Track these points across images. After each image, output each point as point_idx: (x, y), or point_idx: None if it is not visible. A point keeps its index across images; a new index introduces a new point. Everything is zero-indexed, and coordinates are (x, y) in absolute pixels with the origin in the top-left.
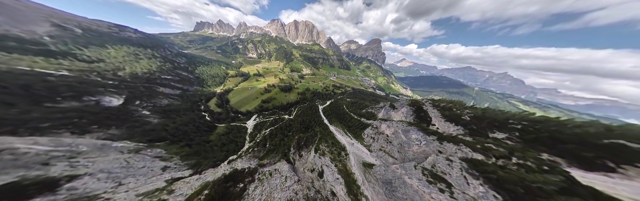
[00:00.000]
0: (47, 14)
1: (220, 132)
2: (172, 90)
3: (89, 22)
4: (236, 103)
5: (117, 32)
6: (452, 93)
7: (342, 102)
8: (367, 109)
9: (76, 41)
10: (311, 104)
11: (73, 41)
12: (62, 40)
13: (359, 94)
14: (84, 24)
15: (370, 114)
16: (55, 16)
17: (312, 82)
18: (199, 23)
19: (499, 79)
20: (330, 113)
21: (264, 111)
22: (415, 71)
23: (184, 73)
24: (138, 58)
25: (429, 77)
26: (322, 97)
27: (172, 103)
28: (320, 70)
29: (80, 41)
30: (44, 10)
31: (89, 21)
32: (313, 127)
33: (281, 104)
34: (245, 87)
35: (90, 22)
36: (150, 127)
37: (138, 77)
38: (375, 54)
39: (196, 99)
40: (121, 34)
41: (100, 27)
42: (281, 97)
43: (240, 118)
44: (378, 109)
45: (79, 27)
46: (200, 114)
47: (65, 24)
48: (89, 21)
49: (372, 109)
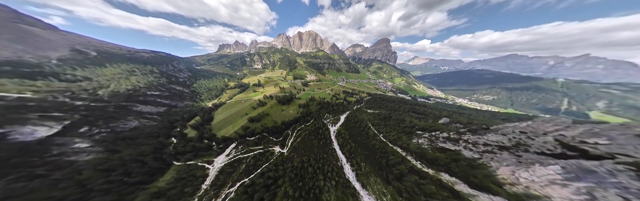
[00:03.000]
0: (76, 42)
1: (167, 180)
2: (155, 107)
3: (109, 46)
4: (218, 122)
5: (131, 53)
6: (516, 90)
7: (363, 117)
8: (424, 134)
9: (82, 62)
10: (318, 124)
11: (79, 62)
12: (69, 62)
13: (382, 102)
14: (103, 48)
15: (441, 150)
16: (83, 43)
17: (317, 89)
18: (221, 45)
19: (577, 65)
20: (348, 140)
21: (248, 136)
22: (434, 68)
23: (178, 88)
24: (132, 74)
25: (458, 73)
26: (333, 109)
27: (143, 124)
28: (327, 75)
29: (87, 62)
30: (76, 39)
31: (110, 46)
32: (322, 185)
33: (274, 125)
34: (239, 100)
35: (111, 46)
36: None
37: (118, 96)
38: (385, 54)
39: (178, 117)
40: (135, 54)
41: (117, 49)
42: (277, 113)
43: (212, 149)
44: (444, 130)
45: (95, 51)
46: (166, 141)
47: (86, 49)
48: (111, 46)
49: (435, 134)
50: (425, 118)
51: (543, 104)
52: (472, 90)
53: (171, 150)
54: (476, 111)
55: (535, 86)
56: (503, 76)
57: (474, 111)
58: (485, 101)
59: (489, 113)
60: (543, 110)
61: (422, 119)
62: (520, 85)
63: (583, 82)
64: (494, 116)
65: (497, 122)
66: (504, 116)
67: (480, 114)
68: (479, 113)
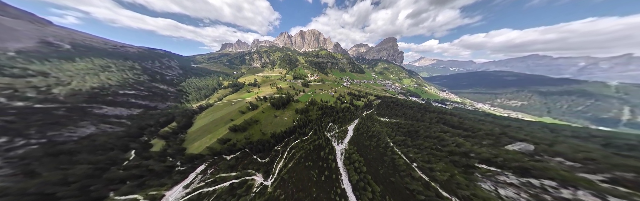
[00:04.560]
0: (53, 34)
1: None
2: (127, 109)
3: (94, 40)
4: (196, 130)
5: (116, 48)
6: (552, 95)
7: (377, 129)
8: (501, 175)
9: (48, 55)
10: (319, 140)
11: (43, 55)
12: (29, 55)
13: (397, 108)
14: (85, 42)
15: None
16: (60, 36)
17: (319, 90)
18: (224, 44)
19: (617, 66)
20: (365, 174)
21: (225, 154)
22: (442, 69)
23: (162, 86)
24: (106, 70)
25: (472, 75)
26: (338, 116)
27: (103, 131)
28: (330, 75)
29: (53, 55)
30: (56, 32)
31: (95, 40)
32: None
33: (262, 138)
34: (230, 102)
35: (95, 41)
36: None
37: (77, 95)
38: (391, 54)
39: (152, 121)
40: (120, 49)
41: (101, 44)
42: (268, 119)
43: (172, 173)
44: (542, 170)
45: (71, 44)
46: (119, 157)
47: (59, 42)
48: (97, 40)
49: (530, 182)
50: (473, 136)
51: (594, 112)
52: (493, 94)
53: (120, 172)
54: (518, 121)
55: (579, 90)
56: (529, 79)
57: (515, 121)
58: (511, 106)
59: (536, 124)
60: (595, 120)
61: (468, 138)
62: (557, 89)
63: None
64: (554, 131)
65: (591, 148)
66: (568, 129)
67: (531, 126)
68: (530, 126)
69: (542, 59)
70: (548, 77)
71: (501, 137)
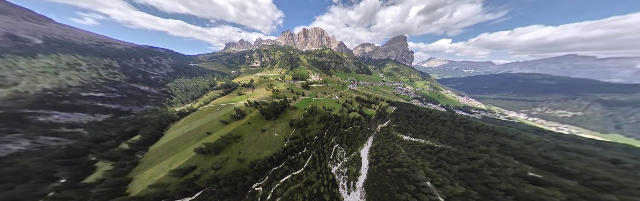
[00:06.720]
0: (25, 28)
1: None
2: (90, 115)
3: (78, 36)
4: (160, 147)
5: (99, 44)
6: (622, 105)
7: (410, 162)
8: None
9: (6, 50)
10: (317, 181)
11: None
12: None
13: (423, 121)
14: (65, 37)
15: None
16: (37, 30)
17: (322, 93)
18: (227, 44)
19: None
20: None
21: (178, 197)
22: (455, 71)
23: (143, 87)
24: (73, 69)
25: (493, 77)
26: (346, 135)
27: (39, 146)
28: (334, 76)
29: (11, 51)
30: (34, 26)
31: (81, 36)
32: None
33: (236, 170)
34: (216, 106)
35: (79, 36)
36: None
37: (21, 98)
38: (400, 53)
39: (116, 131)
40: (104, 46)
41: (86, 40)
42: (253, 136)
43: None
44: None
45: (44, 39)
46: (34, 191)
47: (30, 36)
48: (84, 35)
49: None
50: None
51: None
52: (529, 101)
53: None
54: (594, 145)
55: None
56: (576, 83)
57: (594, 145)
58: (559, 118)
59: (615, 147)
60: None
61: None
62: (626, 98)
63: None
64: None
65: None
66: None
67: (608, 150)
68: (607, 150)
69: (583, 59)
70: (603, 82)
71: None
